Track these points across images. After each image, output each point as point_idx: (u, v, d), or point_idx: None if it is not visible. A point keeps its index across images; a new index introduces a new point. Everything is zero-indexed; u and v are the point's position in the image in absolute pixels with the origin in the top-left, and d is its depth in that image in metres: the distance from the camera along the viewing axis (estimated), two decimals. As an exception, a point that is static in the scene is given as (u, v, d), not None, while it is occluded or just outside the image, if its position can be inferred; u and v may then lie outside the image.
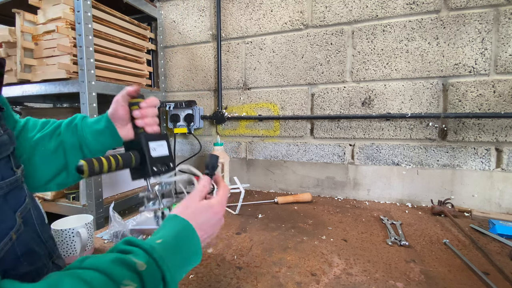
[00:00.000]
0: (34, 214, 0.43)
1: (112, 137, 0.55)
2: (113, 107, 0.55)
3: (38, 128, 0.54)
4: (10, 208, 0.37)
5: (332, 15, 1.14)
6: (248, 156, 1.35)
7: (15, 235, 0.37)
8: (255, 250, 0.72)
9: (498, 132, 0.98)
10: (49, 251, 0.45)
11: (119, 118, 0.55)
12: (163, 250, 0.35)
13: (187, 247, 0.39)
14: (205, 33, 1.36)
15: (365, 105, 1.13)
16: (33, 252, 0.40)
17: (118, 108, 0.55)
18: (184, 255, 0.38)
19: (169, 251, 0.36)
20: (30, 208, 0.42)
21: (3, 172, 0.37)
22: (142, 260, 0.32)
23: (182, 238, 0.39)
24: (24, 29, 1.00)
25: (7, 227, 0.36)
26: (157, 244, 0.35)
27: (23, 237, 0.39)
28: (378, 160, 1.13)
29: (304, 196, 1.12)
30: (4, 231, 0.35)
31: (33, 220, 0.42)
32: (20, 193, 0.40)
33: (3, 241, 0.35)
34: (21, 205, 0.39)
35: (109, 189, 1.14)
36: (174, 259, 0.36)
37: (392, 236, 0.79)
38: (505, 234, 0.78)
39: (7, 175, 0.38)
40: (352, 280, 0.59)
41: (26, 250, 0.39)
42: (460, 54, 1.00)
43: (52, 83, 1.02)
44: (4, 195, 0.36)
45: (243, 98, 1.32)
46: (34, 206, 0.44)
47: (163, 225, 0.41)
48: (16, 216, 0.38)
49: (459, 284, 0.57)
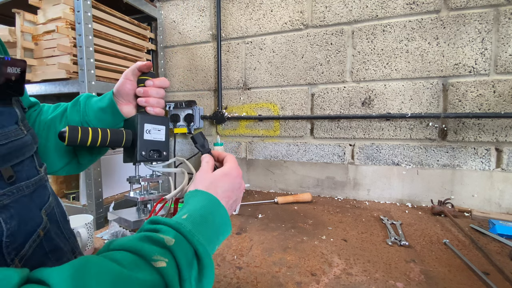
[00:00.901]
0: (57, 211, 0.44)
1: (113, 114, 0.52)
2: (121, 81, 0.53)
3: (51, 111, 0.54)
4: (36, 206, 0.38)
5: (332, 15, 1.14)
6: (248, 156, 1.35)
7: (43, 232, 0.37)
8: (255, 250, 0.72)
9: (498, 132, 0.98)
10: (72, 247, 0.46)
11: (125, 93, 0.52)
12: (191, 224, 0.34)
13: (214, 217, 0.37)
14: (205, 33, 1.36)
15: (365, 105, 1.13)
16: (59, 248, 0.41)
17: (126, 82, 0.52)
18: (213, 227, 0.36)
19: (197, 225, 0.34)
20: (53, 206, 0.43)
21: (29, 171, 0.38)
22: (170, 236, 0.31)
23: (208, 209, 0.37)
24: (24, 29, 0.99)
25: (35, 224, 0.36)
26: (183, 220, 0.34)
27: (49, 234, 0.39)
28: (378, 160, 1.13)
29: (304, 196, 1.12)
30: (33, 229, 0.36)
31: (56, 217, 0.43)
32: (44, 191, 0.41)
33: (32, 238, 0.35)
34: (46, 203, 0.40)
35: (109, 189, 1.14)
36: (203, 231, 0.34)
37: (392, 236, 0.79)
38: (505, 234, 0.78)
39: (32, 174, 0.38)
40: (352, 280, 0.59)
41: (53, 246, 0.39)
42: (460, 54, 1.00)
43: (52, 83, 1.02)
44: (30, 194, 0.37)
45: (243, 98, 1.32)
46: (57, 204, 0.44)
47: (186, 201, 0.39)
48: (41, 214, 0.38)
49: (459, 284, 0.57)
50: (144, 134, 0.49)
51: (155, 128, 0.51)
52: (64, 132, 0.40)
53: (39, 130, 0.51)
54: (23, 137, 0.37)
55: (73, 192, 1.11)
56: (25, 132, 0.38)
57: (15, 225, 0.33)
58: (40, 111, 0.54)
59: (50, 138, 0.51)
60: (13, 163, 0.35)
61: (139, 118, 0.49)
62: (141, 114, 0.50)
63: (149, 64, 0.52)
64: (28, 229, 0.35)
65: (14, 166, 0.35)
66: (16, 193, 0.34)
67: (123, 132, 0.48)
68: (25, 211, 0.35)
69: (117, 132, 0.47)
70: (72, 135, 0.41)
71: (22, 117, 0.39)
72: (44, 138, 0.51)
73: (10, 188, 0.33)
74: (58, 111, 0.53)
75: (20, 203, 0.35)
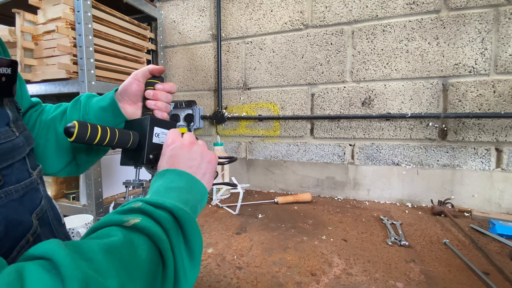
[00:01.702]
0: (50, 215, 0.43)
1: (114, 114, 0.52)
2: (129, 81, 0.52)
3: (52, 110, 0.53)
4: (27, 210, 0.37)
5: (332, 15, 1.14)
6: (248, 156, 1.35)
7: (32, 238, 0.36)
8: (255, 250, 0.72)
9: (498, 132, 0.98)
10: None
11: (131, 94, 0.52)
12: (155, 193, 0.35)
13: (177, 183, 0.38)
14: (205, 33, 1.36)
15: (365, 105, 1.13)
16: None
17: (133, 82, 0.51)
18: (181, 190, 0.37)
19: (161, 193, 0.36)
20: (46, 209, 0.42)
21: (19, 174, 0.37)
22: (138, 203, 0.32)
23: (169, 179, 0.39)
24: (24, 29, 1.00)
25: (24, 229, 0.35)
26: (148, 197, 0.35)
27: (39, 239, 0.38)
28: (378, 160, 1.13)
29: (304, 196, 1.12)
30: (21, 234, 0.35)
31: (49, 220, 0.42)
32: (36, 194, 0.40)
33: (20, 244, 0.34)
34: (37, 207, 0.39)
35: (109, 189, 1.14)
36: (170, 196, 0.35)
37: (392, 236, 0.79)
38: (505, 234, 0.78)
39: (23, 177, 0.37)
40: (352, 280, 0.59)
41: None
42: (460, 54, 1.00)
43: (52, 83, 1.02)
44: (20, 198, 0.36)
45: (243, 98, 1.32)
46: (50, 207, 0.43)
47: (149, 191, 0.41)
48: (32, 218, 0.37)
49: (459, 284, 0.57)
50: (153, 137, 0.48)
51: (163, 132, 0.50)
52: (72, 127, 0.37)
53: (39, 130, 0.50)
54: (13, 139, 0.36)
55: (73, 192, 1.11)
56: (17, 134, 0.37)
57: (2, 230, 0.32)
58: (42, 111, 0.53)
59: (50, 138, 0.50)
60: (1, 167, 0.33)
61: (150, 120, 0.48)
62: (152, 117, 0.49)
63: (162, 68, 0.52)
64: (16, 235, 0.34)
65: (3, 169, 0.34)
66: (4, 197, 0.33)
67: (130, 133, 0.46)
68: (13, 216, 0.34)
69: (124, 133, 0.45)
70: (81, 131, 0.38)
71: (15, 118, 0.38)
72: (43, 139, 0.50)
73: None
74: (58, 111, 0.53)
75: (8, 208, 0.33)
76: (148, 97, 0.52)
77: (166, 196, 0.35)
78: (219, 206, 1.07)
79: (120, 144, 0.45)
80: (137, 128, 0.49)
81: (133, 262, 0.26)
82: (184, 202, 0.36)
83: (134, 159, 0.48)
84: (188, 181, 0.40)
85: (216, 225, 0.89)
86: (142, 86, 0.52)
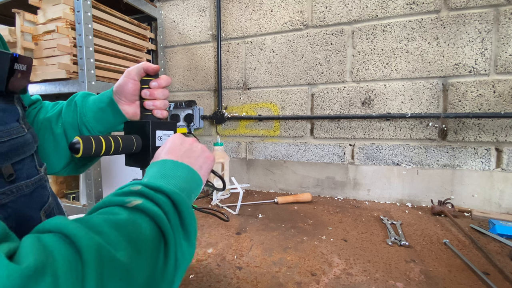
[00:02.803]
0: (56, 212, 0.43)
1: (114, 115, 0.50)
2: (123, 80, 0.49)
3: (49, 109, 0.52)
4: (36, 206, 0.38)
5: (332, 15, 1.14)
6: (248, 156, 1.35)
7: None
8: (255, 250, 0.72)
9: (498, 132, 0.98)
10: None
11: (127, 93, 0.50)
12: (152, 178, 0.36)
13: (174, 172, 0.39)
14: (205, 33, 1.36)
15: (365, 105, 1.13)
16: None
17: (129, 81, 0.49)
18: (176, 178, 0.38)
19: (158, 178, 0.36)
20: (53, 206, 0.42)
21: (29, 171, 0.37)
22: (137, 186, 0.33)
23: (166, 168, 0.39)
24: (24, 29, 1.00)
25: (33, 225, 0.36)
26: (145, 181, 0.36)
27: None
28: (378, 160, 1.13)
29: (304, 196, 1.12)
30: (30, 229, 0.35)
31: None
32: (44, 191, 0.40)
33: None
34: (45, 204, 0.40)
35: (109, 189, 1.14)
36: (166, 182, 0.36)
37: (392, 236, 0.79)
38: (505, 234, 0.78)
39: (32, 173, 0.38)
40: (352, 280, 0.59)
41: None
42: (460, 54, 1.00)
43: (52, 83, 1.02)
44: (30, 194, 0.37)
45: (243, 98, 1.32)
46: (56, 205, 0.44)
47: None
48: (41, 214, 0.38)
49: (459, 284, 0.57)
50: (156, 142, 0.48)
51: (165, 134, 0.50)
52: (77, 144, 0.37)
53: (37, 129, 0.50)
54: (24, 135, 0.37)
55: (73, 192, 1.11)
56: (26, 131, 0.38)
57: (12, 225, 0.32)
58: (39, 110, 0.52)
59: (47, 138, 0.49)
60: (13, 161, 0.34)
61: (151, 125, 0.47)
62: (152, 121, 0.49)
63: (157, 68, 0.50)
64: (26, 230, 0.34)
65: (15, 164, 0.34)
66: (16, 192, 0.34)
67: (133, 138, 0.46)
68: (23, 211, 0.35)
69: (127, 139, 0.45)
70: (86, 146, 0.37)
71: (23, 115, 0.39)
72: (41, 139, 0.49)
73: (9, 187, 0.33)
74: (54, 111, 0.52)
75: (19, 203, 0.34)
76: (145, 97, 0.51)
77: (163, 182, 0.36)
78: (219, 206, 1.07)
79: (125, 151, 0.45)
80: (138, 132, 0.49)
81: (139, 238, 0.27)
82: (179, 189, 0.37)
83: (140, 163, 0.49)
84: (185, 170, 0.40)
85: (216, 225, 0.89)
86: (137, 85, 0.51)
